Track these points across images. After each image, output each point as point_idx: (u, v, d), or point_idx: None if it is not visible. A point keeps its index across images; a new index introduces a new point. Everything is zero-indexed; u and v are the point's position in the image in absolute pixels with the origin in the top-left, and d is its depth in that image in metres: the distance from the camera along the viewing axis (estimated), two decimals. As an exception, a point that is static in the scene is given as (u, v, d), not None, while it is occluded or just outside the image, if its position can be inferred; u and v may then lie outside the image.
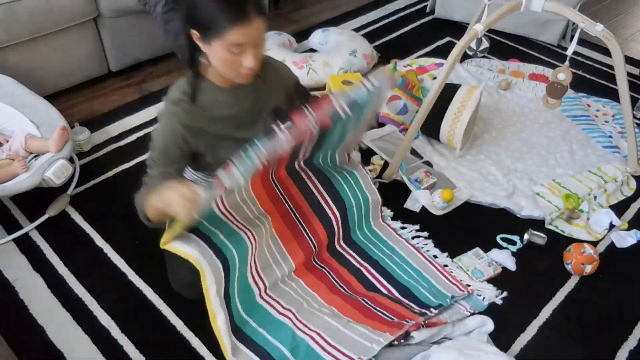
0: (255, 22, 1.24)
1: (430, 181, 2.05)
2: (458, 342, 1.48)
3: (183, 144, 1.40)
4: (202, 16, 1.23)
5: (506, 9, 1.88)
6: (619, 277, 1.78)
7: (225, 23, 1.21)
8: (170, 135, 1.38)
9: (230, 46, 1.25)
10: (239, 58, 1.28)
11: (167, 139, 1.39)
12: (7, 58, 2.20)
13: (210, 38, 1.25)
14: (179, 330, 1.56)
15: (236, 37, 1.23)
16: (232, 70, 1.31)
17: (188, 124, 1.37)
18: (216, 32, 1.23)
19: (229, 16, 1.21)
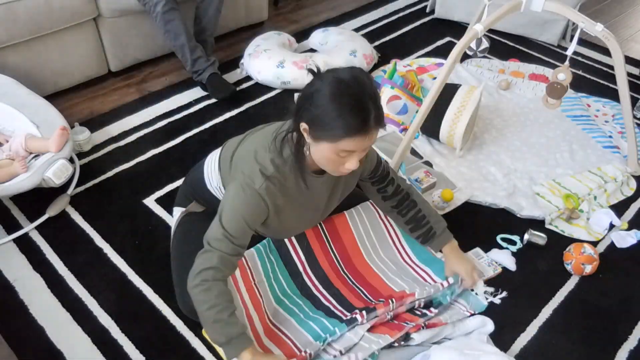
0: (374, 133, 1.20)
1: (430, 181, 2.05)
2: (458, 342, 1.48)
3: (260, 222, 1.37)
4: (321, 117, 1.17)
5: (506, 9, 1.88)
6: (619, 277, 1.78)
7: (342, 133, 1.17)
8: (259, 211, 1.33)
9: (340, 151, 1.20)
10: (344, 160, 1.24)
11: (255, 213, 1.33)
12: (7, 58, 2.20)
13: (321, 138, 1.20)
14: (179, 330, 1.56)
15: (349, 146, 1.19)
16: (331, 168, 1.28)
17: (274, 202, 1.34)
18: (329, 136, 1.18)
19: (348, 128, 1.16)
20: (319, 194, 1.46)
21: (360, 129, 1.17)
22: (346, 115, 1.15)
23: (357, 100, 1.16)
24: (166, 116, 2.37)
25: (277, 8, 3.34)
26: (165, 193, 1.99)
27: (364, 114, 1.16)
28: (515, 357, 1.54)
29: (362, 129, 1.17)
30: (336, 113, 1.15)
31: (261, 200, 1.32)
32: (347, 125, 1.16)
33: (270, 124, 1.46)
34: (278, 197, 1.34)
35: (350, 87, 1.16)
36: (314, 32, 2.89)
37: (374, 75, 2.68)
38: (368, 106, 1.16)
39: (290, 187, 1.36)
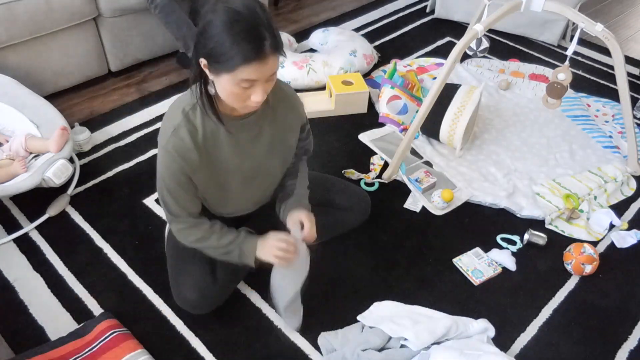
0: (271, 59, 1.16)
1: (430, 181, 2.05)
2: (458, 342, 1.48)
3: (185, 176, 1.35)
4: (214, 48, 1.14)
5: (506, 9, 1.88)
6: (619, 277, 1.78)
7: (238, 60, 1.13)
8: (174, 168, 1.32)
9: (241, 82, 1.17)
10: (248, 92, 1.20)
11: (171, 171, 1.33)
12: (7, 58, 2.20)
13: (220, 71, 1.17)
14: (179, 330, 1.56)
15: (248, 75, 1.15)
16: (238, 103, 1.24)
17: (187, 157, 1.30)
18: (227, 67, 1.15)
19: (243, 55, 1.12)
20: (247, 147, 1.40)
21: (256, 56, 1.13)
22: (240, 43, 1.12)
23: (250, 27, 1.13)
24: (166, 116, 2.37)
25: (277, 8, 3.35)
26: (165, 193, 1.99)
27: (259, 40, 1.13)
28: (515, 357, 1.54)
29: (258, 56, 1.14)
30: (230, 41, 1.12)
31: (171, 158, 1.29)
32: (242, 52, 1.12)
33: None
34: (190, 150, 1.30)
35: (243, 14, 1.13)
36: (314, 32, 2.89)
37: (373, 75, 2.68)
38: (262, 32, 1.13)
39: (206, 138, 1.32)
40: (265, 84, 1.21)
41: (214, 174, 1.39)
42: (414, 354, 1.45)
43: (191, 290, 1.50)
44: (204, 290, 1.50)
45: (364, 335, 1.51)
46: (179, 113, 1.30)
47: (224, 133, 1.34)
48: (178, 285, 1.53)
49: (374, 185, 2.06)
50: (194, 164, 1.32)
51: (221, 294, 1.55)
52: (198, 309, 1.55)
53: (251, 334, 1.56)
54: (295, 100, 1.48)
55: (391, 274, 1.75)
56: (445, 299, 1.68)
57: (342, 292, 1.68)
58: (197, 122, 1.30)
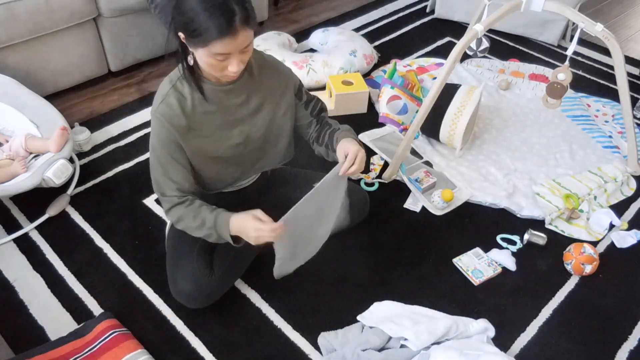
0: (241, 33, 1.20)
1: (430, 181, 2.05)
2: (458, 342, 1.48)
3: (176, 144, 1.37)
4: (188, 23, 1.19)
5: (506, 9, 1.88)
6: (619, 277, 1.78)
7: (209, 36, 1.17)
8: (165, 135, 1.35)
9: (215, 55, 1.21)
10: (224, 63, 1.25)
11: (162, 138, 1.36)
12: (7, 58, 2.20)
13: (195, 45, 1.22)
14: (179, 330, 1.56)
15: (221, 49, 1.20)
16: (216, 72, 1.28)
17: (176, 123, 1.34)
18: (200, 41, 1.19)
19: (214, 30, 1.17)
20: (235, 113, 1.43)
21: (227, 30, 1.17)
22: (211, 18, 1.16)
23: (221, 1, 1.16)
24: (166, 116, 2.37)
25: (277, 8, 3.35)
26: (165, 193, 1.99)
27: (229, 15, 1.16)
28: (515, 357, 1.54)
29: (229, 30, 1.17)
30: (201, 17, 1.16)
31: (160, 123, 1.33)
32: (213, 28, 1.16)
33: None
34: (181, 119, 1.34)
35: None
36: (314, 32, 2.89)
37: (373, 75, 2.68)
38: (232, 7, 1.17)
39: (194, 104, 1.36)
40: (240, 55, 1.25)
41: (206, 142, 1.41)
42: (414, 354, 1.45)
43: (186, 282, 1.51)
44: (199, 282, 1.50)
45: (364, 335, 1.51)
46: (167, 84, 1.36)
47: (212, 100, 1.38)
48: (174, 277, 1.55)
49: (374, 185, 2.06)
50: (183, 130, 1.36)
51: (218, 287, 1.56)
52: (193, 302, 1.55)
53: (251, 334, 1.56)
54: (279, 65, 1.52)
55: (391, 274, 1.75)
56: (445, 299, 1.68)
57: (342, 292, 1.68)
58: (185, 91, 1.35)
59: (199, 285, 1.51)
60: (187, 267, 1.52)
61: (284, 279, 1.70)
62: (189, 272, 1.52)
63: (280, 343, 1.54)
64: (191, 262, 1.52)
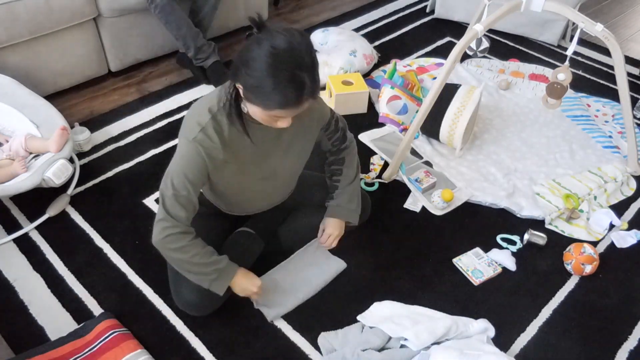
0: (305, 104, 1.22)
1: (430, 181, 2.05)
2: (458, 342, 1.48)
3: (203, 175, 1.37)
4: (255, 86, 1.17)
5: (506, 9, 1.88)
6: (619, 277, 1.78)
7: (275, 105, 1.18)
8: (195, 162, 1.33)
9: (272, 116, 1.23)
10: (277, 120, 1.26)
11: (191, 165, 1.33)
12: (7, 58, 2.20)
13: (255, 103, 1.21)
14: (179, 330, 1.56)
15: (281, 114, 1.22)
16: (266, 124, 1.29)
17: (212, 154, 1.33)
18: (263, 105, 1.20)
19: (281, 101, 1.17)
20: (268, 148, 1.43)
21: (293, 103, 1.19)
22: (280, 90, 1.15)
23: (292, 74, 1.15)
24: (166, 116, 2.37)
25: (277, 8, 3.34)
26: (165, 193, 1.99)
27: (299, 89, 1.16)
28: (515, 357, 1.54)
29: (295, 103, 1.19)
30: (271, 87, 1.15)
31: (196, 151, 1.31)
32: (280, 100, 1.17)
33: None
34: (217, 149, 1.33)
35: (286, 59, 1.14)
36: (314, 32, 2.88)
37: (373, 75, 2.68)
38: (303, 79, 1.16)
39: (231, 138, 1.35)
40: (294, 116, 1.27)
41: (236, 172, 1.41)
42: (414, 354, 1.45)
43: (191, 292, 1.49)
44: (204, 292, 1.49)
45: (364, 335, 1.51)
46: (206, 112, 1.32)
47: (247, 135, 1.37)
48: (178, 286, 1.53)
49: (374, 185, 2.06)
50: (218, 162, 1.35)
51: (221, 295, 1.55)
52: (198, 311, 1.55)
53: (251, 334, 1.56)
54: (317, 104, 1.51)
55: (391, 274, 1.75)
56: (445, 299, 1.68)
57: (342, 292, 1.68)
58: (224, 123, 1.33)
59: (203, 294, 1.49)
60: None
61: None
62: (192, 282, 1.49)
63: (280, 343, 1.54)
64: None
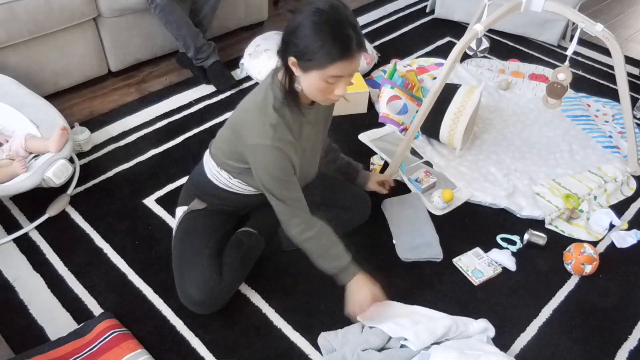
0: (357, 57, 1.26)
1: (430, 181, 2.05)
2: (458, 342, 1.48)
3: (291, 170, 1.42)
4: (305, 48, 1.23)
5: (506, 9, 1.88)
6: (619, 277, 1.78)
7: (328, 59, 1.22)
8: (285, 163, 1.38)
9: (329, 77, 1.26)
10: (333, 87, 1.29)
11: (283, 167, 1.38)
12: (7, 58, 2.20)
13: (309, 68, 1.26)
14: (179, 330, 1.56)
15: (336, 71, 1.25)
16: (321, 96, 1.33)
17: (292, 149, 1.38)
18: (317, 65, 1.24)
19: (334, 54, 1.22)
20: (315, 126, 1.52)
21: (345, 54, 1.23)
22: (330, 43, 1.21)
23: (338, 27, 1.21)
24: (166, 116, 2.37)
25: (277, 8, 3.34)
26: (165, 193, 1.99)
27: (347, 40, 1.22)
28: (515, 357, 1.54)
29: (346, 54, 1.23)
30: (320, 42, 1.21)
31: (279, 151, 1.36)
32: (332, 52, 1.22)
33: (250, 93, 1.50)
34: (292, 142, 1.39)
35: (330, 15, 1.21)
36: (314, 32, 2.88)
37: (373, 75, 2.68)
38: (349, 32, 1.22)
39: (294, 126, 1.41)
40: (348, 80, 1.31)
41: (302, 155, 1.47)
42: (414, 354, 1.45)
43: (196, 288, 1.50)
44: (210, 289, 1.50)
45: (364, 335, 1.51)
46: (271, 111, 1.36)
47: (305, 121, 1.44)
48: (183, 282, 1.53)
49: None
50: (297, 156, 1.41)
51: (226, 293, 1.55)
52: (203, 308, 1.55)
53: (251, 334, 1.56)
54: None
55: (391, 274, 1.75)
56: (445, 299, 1.68)
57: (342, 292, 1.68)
58: (287, 116, 1.39)
59: (210, 292, 1.50)
60: (196, 273, 1.51)
61: (283, 279, 1.71)
62: (198, 279, 1.50)
63: (280, 343, 1.54)
64: (200, 268, 1.51)
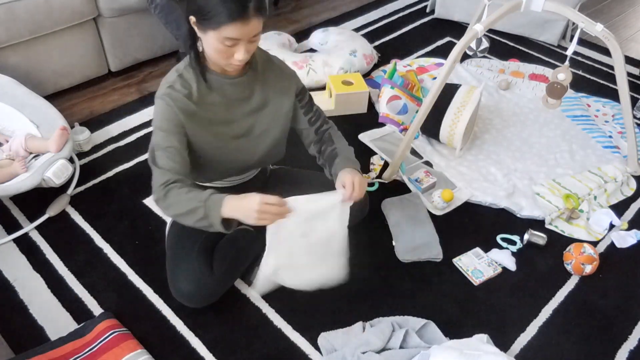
0: (253, 20, 1.24)
1: (430, 181, 2.05)
2: (458, 342, 1.48)
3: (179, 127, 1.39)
4: (202, 6, 1.22)
5: (506, 9, 1.88)
6: (619, 277, 1.78)
7: (222, 18, 1.21)
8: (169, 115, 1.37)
9: (224, 39, 1.25)
10: (232, 50, 1.28)
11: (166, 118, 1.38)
12: (7, 58, 2.20)
13: (206, 28, 1.25)
14: (179, 330, 1.56)
15: (231, 33, 1.23)
16: (222, 60, 1.32)
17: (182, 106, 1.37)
18: (213, 24, 1.23)
19: (228, 13, 1.20)
20: (237, 105, 1.46)
21: (240, 15, 1.21)
22: (226, 2, 1.20)
23: None
24: (166, 116, 2.37)
25: (277, 8, 3.34)
26: (165, 193, 1.99)
27: (243, 1, 1.21)
28: (515, 357, 1.54)
29: (242, 15, 1.21)
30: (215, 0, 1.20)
31: (166, 104, 1.36)
32: (227, 11, 1.20)
33: None
34: (186, 103, 1.37)
35: None
36: (314, 32, 2.89)
37: (373, 75, 2.68)
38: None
39: (200, 95, 1.39)
40: (248, 44, 1.28)
41: (206, 130, 1.43)
42: (413, 354, 1.45)
43: (187, 282, 1.51)
44: (199, 282, 1.51)
45: (365, 335, 1.51)
46: (174, 72, 1.40)
47: (216, 91, 1.41)
48: (174, 277, 1.54)
49: (374, 185, 2.06)
50: (187, 113, 1.38)
51: (217, 287, 1.56)
52: (193, 302, 1.55)
53: (251, 334, 1.56)
54: (283, 66, 1.56)
55: (391, 274, 1.75)
56: (445, 299, 1.68)
57: (342, 292, 1.68)
58: (191, 78, 1.39)
59: (199, 285, 1.51)
60: (187, 267, 1.52)
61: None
62: (189, 272, 1.52)
63: (280, 343, 1.54)
64: (191, 262, 1.52)
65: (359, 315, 1.60)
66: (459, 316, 1.63)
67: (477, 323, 1.62)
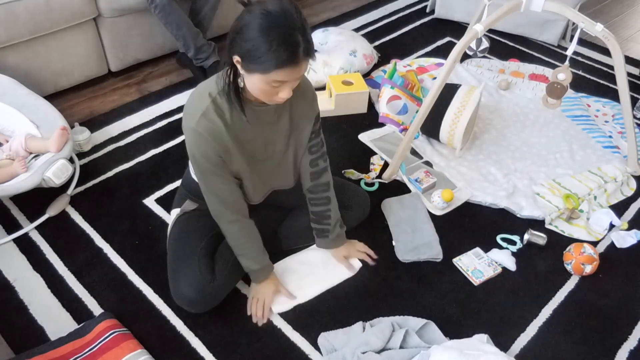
0: (302, 64, 1.23)
1: (430, 181, 2.05)
2: (458, 342, 1.48)
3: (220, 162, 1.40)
4: (250, 50, 1.19)
5: (506, 9, 1.88)
6: (619, 277, 1.78)
7: (272, 65, 1.19)
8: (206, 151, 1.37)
9: (272, 82, 1.23)
10: (277, 90, 1.27)
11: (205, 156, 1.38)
12: (7, 58, 2.20)
13: (253, 70, 1.23)
14: (179, 330, 1.56)
15: (280, 77, 1.22)
16: (265, 98, 1.30)
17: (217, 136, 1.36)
18: (261, 69, 1.21)
19: (278, 60, 1.18)
20: (268, 131, 1.47)
21: (290, 61, 1.20)
22: (276, 49, 1.17)
23: (285, 33, 1.17)
24: (166, 116, 2.38)
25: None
26: (165, 193, 1.99)
27: (293, 47, 1.19)
28: (515, 357, 1.54)
29: (292, 61, 1.20)
30: (266, 47, 1.17)
31: (200, 136, 1.34)
32: (277, 58, 1.18)
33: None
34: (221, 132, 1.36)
35: (279, 19, 1.17)
36: (314, 32, 2.88)
37: (373, 75, 2.68)
38: (297, 39, 1.18)
39: (233, 121, 1.38)
40: (293, 84, 1.28)
41: (238, 156, 1.43)
42: (413, 354, 1.45)
43: (189, 288, 1.50)
44: (201, 288, 1.50)
45: (365, 335, 1.51)
46: (206, 97, 1.35)
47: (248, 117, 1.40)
48: (176, 281, 1.54)
49: (374, 185, 2.06)
50: (226, 144, 1.38)
51: (219, 292, 1.55)
52: (195, 307, 1.55)
53: (251, 334, 1.56)
54: (307, 90, 1.53)
55: (391, 274, 1.75)
56: (445, 299, 1.68)
57: (342, 292, 1.69)
58: (224, 106, 1.36)
59: (201, 291, 1.50)
60: (189, 272, 1.51)
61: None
62: (191, 278, 1.51)
63: (280, 343, 1.54)
64: (193, 268, 1.52)
65: (359, 315, 1.61)
66: (459, 316, 1.63)
67: (477, 323, 1.62)
